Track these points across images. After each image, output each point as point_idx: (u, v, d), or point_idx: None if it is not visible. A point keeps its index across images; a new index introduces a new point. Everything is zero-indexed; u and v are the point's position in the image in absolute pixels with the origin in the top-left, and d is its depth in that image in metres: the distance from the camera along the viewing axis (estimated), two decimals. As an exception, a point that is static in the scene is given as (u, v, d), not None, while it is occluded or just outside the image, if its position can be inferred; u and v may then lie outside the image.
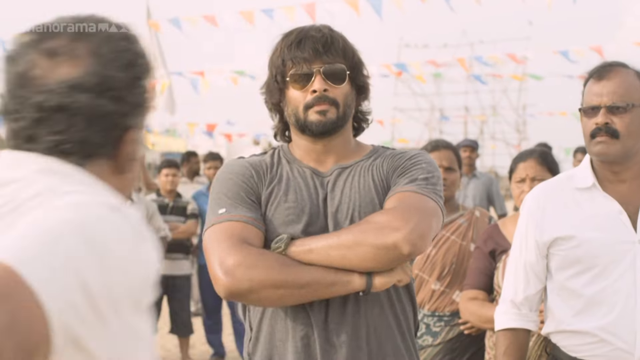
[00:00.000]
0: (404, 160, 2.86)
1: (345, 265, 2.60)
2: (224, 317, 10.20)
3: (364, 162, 2.90)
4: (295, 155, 2.93)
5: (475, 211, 4.92)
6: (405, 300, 2.88)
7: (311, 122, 2.79)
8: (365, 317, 2.76)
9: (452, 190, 4.82)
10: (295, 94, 2.81)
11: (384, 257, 2.59)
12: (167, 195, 9.75)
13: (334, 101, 2.79)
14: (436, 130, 54.99)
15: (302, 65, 2.79)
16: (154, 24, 13.47)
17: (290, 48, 2.81)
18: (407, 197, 2.72)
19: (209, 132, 16.11)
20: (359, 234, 2.60)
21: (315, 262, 2.61)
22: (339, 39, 2.84)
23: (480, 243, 4.48)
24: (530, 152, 4.55)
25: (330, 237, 2.64)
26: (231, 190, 2.80)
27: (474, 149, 10.56)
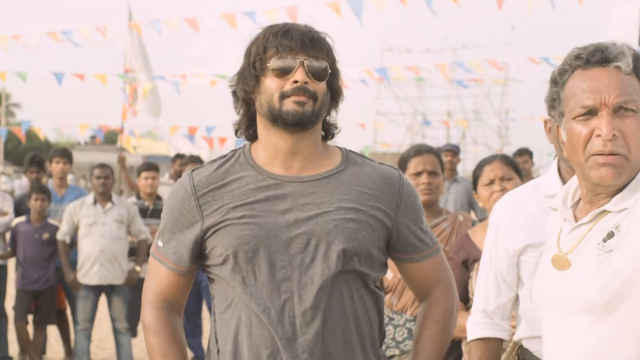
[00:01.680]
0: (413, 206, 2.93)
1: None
2: (204, 321, 10.15)
3: (337, 174, 2.83)
4: (258, 159, 2.84)
5: (459, 215, 4.92)
6: (371, 311, 2.86)
7: (287, 111, 2.72)
8: (332, 330, 2.74)
9: (436, 194, 4.81)
10: (273, 81, 2.75)
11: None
12: (147, 198, 9.72)
13: (313, 95, 2.74)
14: (418, 135, 55.07)
15: (286, 54, 2.73)
16: (135, 25, 13.41)
17: (276, 35, 2.76)
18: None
19: (190, 136, 16.07)
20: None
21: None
22: (325, 39, 2.81)
23: (452, 254, 4.50)
24: (492, 156, 4.66)
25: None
26: (169, 222, 2.88)
27: (455, 153, 10.59)
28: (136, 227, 8.97)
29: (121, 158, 12.19)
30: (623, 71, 2.37)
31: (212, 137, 15.86)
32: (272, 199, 2.76)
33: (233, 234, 2.73)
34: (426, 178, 4.76)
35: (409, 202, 2.88)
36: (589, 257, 2.38)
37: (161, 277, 2.89)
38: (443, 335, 2.90)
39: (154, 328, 2.86)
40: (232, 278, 2.75)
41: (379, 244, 2.82)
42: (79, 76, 13.85)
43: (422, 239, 2.90)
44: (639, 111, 2.36)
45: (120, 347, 8.98)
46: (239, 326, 2.76)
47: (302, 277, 2.72)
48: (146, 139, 16.66)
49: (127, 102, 13.71)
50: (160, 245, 2.88)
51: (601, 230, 2.38)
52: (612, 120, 2.34)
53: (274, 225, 2.72)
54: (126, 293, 8.93)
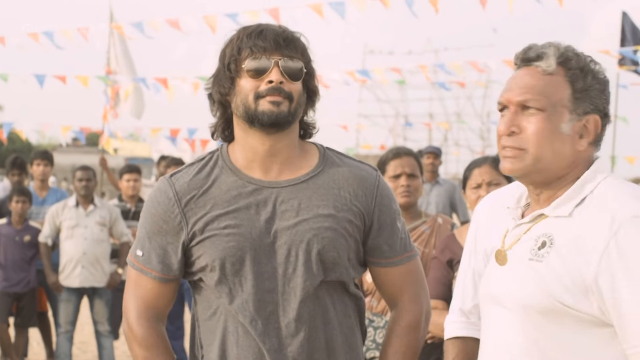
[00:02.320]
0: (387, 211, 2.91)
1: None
2: (186, 324, 10.13)
3: (314, 178, 2.82)
4: (237, 161, 2.83)
5: (438, 218, 4.92)
6: (353, 315, 2.89)
7: (262, 111, 2.71)
8: (316, 340, 2.77)
9: (415, 196, 4.82)
10: (248, 82, 2.74)
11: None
12: (129, 200, 9.71)
13: (288, 95, 2.73)
14: (400, 137, 55.05)
15: (260, 54, 2.72)
16: (117, 27, 13.38)
17: (250, 36, 2.74)
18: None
19: (172, 138, 16.03)
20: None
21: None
22: (299, 39, 2.80)
23: (437, 253, 4.50)
24: (484, 159, 4.60)
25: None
26: (151, 230, 2.84)
27: (437, 155, 10.59)
28: (118, 229, 8.96)
29: (102, 160, 12.16)
30: (542, 71, 2.43)
31: (194, 139, 15.83)
32: (254, 206, 2.75)
33: (218, 245, 2.72)
34: (405, 180, 4.76)
35: (383, 205, 2.87)
36: (521, 258, 2.44)
37: (147, 287, 2.84)
38: (409, 351, 2.90)
39: (147, 342, 2.82)
40: (219, 289, 2.75)
41: (357, 248, 2.84)
42: (60, 78, 13.82)
43: (392, 245, 2.89)
44: (546, 110, 2.41)
45: (102, 349, 8.97)
46: (226, 335, 2.77)
47: (285, 287, 2.73)
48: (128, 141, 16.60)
49: (108, 104, 13.67)
50: (140, 255, 2.85)
51: (537, 234, 2.43)
52: (513, 117, 2.43)
53: (258, 236, 2.73)
54: (108, 295, 8.92)
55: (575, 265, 2.27)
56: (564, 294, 2.29)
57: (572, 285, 2.27)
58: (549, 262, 2.34)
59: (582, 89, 2.41)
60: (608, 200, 2.32)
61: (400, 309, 2.93)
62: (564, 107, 2.40)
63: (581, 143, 2.41)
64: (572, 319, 2.29)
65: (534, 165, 2.43)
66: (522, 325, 2.42)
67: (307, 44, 2.83)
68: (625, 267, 2.20)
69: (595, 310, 2.25)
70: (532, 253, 2.41)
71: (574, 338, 2.31)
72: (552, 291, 2.31)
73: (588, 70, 2.42)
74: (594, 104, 2.40)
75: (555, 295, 2.30)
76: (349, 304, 2.86)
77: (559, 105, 2.40)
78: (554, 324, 2.33)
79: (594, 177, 2.39)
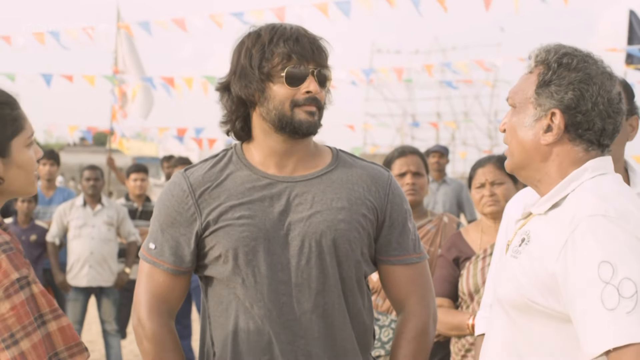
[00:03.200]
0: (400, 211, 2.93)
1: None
2: (194, 323, 10.15)
3: (328, 174, 2.85)
4: (252, 159, 2.85)
5: (444, 217, 4.93)
6: (365, 313, 2.90)
7: (299, 121, 2.73)
8: (330, 334, 2.78)
9: (421, 195, 4.82)
10: (283, 89, 2.72)
11: None
12: (136, 199, 9.71)
13: (321, 105, 2.77)
14: (408, 136, 55.03)
15: (299, 63, 2.72)
16: (125, 26, 13.39)
17: (287, 42, 2.72)
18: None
19: (179, 137, 16.06)
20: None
21: None
22: (326, 46, 2.81)
23: (443, 251, 4.51)
24: (488, 158, 4.61)
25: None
26: (165, 222, 2.85)
27: (443, 154, 10.56)
28: (126, 228, 8.97)
29: (110, 160, 12.18)
30: (526, 72, 2.48)
31: (202, 138, 15.85)
32: (267, 198, 2.77)
33: (232, 235, 2.74)
34: (410, 179, 4.77)
35: (396, 203, 2.89)
36: (510, 254, 2.46)
37: (159, 280, 2.85)
38: (419, 355, 2.91)
39: (157, 337, 2.82)
40: (232, 279, 2.76)
41: (370, 243, 2.86)
42: (67, 77, 13.84)
43: (402, 244, 2.91)
44: (516, 106, 2.46)
45: (110, 348, 8.98)
46: (237, 331, 2.77)
47: (299, 279, 2.74)
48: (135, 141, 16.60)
49: (116, 103, 13.69)
50: (153, 248, 2.86)
51: (522, 231, 2.45)
52: (508, 116, 2.49)
53: (272, 227, 2.74)
54: (116, 295, 8.93)
55: (540, 263, 2.28)
56: (532, 291, 2.29)
57: (538, 282, 2.28)
58: (521, 260, 2.36)
59: (542, 83, 2.40)
60: (576, 200, 2.31)
61: (408, 312, 2.93)
62: (529, 102, 2.42)
63: (545, 138, 2.40)
64: (542, 315, 2.29)
65: (512, 162, 2.49)
66: (503, 321, 2.45)
67: (327, 49, 2.82)
68: (575, 263, 2.18)
69: (561, 307, 2.24)
70: (513, 250, 2.44)
71: (544, 335, 2.31)
72: (522, 288, 2.32)
73: (555, 64, 2.40)
74: (555, 98, 2.38)
75: (524, 292, 2.31)
76: (362, 300, 2.87)
77: (526, 101, 2.43)
78: (526, 321, 2.34)
79: (580, 176, 2.37)
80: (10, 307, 2.19)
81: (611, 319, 2.09)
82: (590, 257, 2.16)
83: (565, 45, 2.45)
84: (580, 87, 2.36)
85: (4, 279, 2.19)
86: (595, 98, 2.36)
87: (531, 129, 2.41)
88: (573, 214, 2.25)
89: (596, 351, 2.11)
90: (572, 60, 2.39)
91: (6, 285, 2.19)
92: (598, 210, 2.21)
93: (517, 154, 2.45)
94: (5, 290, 2.19)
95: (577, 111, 2.36)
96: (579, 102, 2.36)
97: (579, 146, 2.40)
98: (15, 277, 2.21)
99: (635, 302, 2.08)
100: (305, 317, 2.74)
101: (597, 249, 2.16)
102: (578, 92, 2.36)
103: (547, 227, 2.34)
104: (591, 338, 2.12)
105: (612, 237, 2.17)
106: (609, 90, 2.39)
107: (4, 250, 2.23)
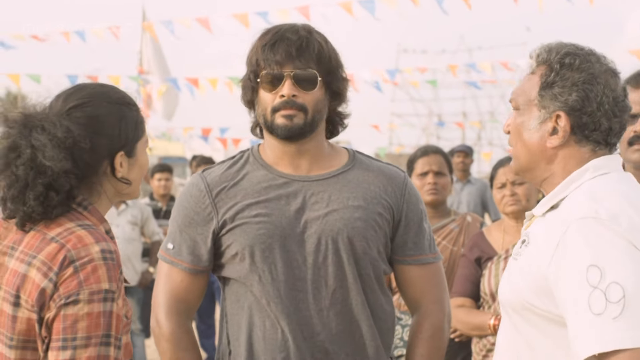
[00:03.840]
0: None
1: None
2: (217, 322, 10.15)
3: (344, 173, 2.87)
4: (267, 159, 2.89)
5: (467, 216, 4.91)
6: (385, 313, 2.89)
7: (277, 125, 2.77)
8: (348, 331, 2.79)
9: (443, 194, 4.81)
10: (265, 95, 2.79)
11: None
12: (161, 199, 9.75)
13: (302, 107, 2.77)
14: (434, 136, 54.94)
15: (273, 68, 2.76)
16: (149, 26, 13.43)
17: (264, 49, 2.78)
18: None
19: (204, 137, 16.10)
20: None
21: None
22: (315, 42, 2.80)
23: (466, 251, 4.49)
24: (508, 158, 4.58)
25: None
26: (183, 222, 2.89)
27: (467, 154, 10.53)
28: (150, 228, 8.98)
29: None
30: (528, 72, 2.44)
31: (226, 138, 15.88)
32: (284, 197, 2.80)
33: (249, 232, 2.77)
34: (432, 178, 4.76)
35: (411, 203, 2.90)
36: (512, 256, 2.43)
37: (177, 280, 2.88)
38: (434, 354, 2.92)
39: (174, 337, 2.85)
40: (249, 277, 2.78)
41: (386, 242, 2.87)
42: (92, 78, 13.90)
43: (418, 243, 2.92)
44: (519, 108, 2.41)
45: (134, 347, 9.00)
46: (252, 329, 2.80)
47: (316, 276, 2.76)
48: (161, 140, 16.68)
49: (142, 104, 13.74)
50: (171, 248, 2.90)
51: (525, 232, 2.42)
52: (512, 117, 2.45)
53: (288, 225, 2.77)
54: (140, 294, 8.95)
55: (536, 265, 2.24)
56: (529, 294, 2.26)
57: (534, 285, 2.24)
58: (521, 262, 2.34)
59: (545, 85, 2.35)
60: (573, 202, 2.28)
61: (423, 312, 2.94)
62: (533, 104, 2.38)
63: (551, 140, 2.35)
64: (539, 318, 2.26)
65: (518, 164, 2.45)
66: (506, 323, 2.44)
67: (325, 47, 2.82)
68: (564, 267, 2.15)
69: (559, 310, 2.20)
70: (515, 252, 2.40)
71: (541, 337, 2.28)
72: (520, 290, 2.30)
73: (558, 65, 2.35)
74: (560, 100, 2.33)
75: (522, 295, 2.29)
76: (380, 300, 2.87)
77: (530, 103, 2.38)
78: (524, 323, 2.32)
79: (581, 176, 2.33)
80: (87, 312, 2.20)
81: (598, 324, 2.05)
82: (579, 261, 2.12)
83: (566, 43, 2.40)
84: (585, 87, 2.31)
85: (95, 284, 2.21)
86: (600, 98, 2.31)
87: (536, 132, 2.37)
88: (566, 216, 2.22)
89: (582, 355, 2.08)
90: (575, 60, 2.33)
91: (94, 290, 2.21)
92: (588, 212, 2.17)
93: (523, 157, 2.42)
94: (91, 294, 2.21)
95: (582, 112, 2.31)
96: (583, 103, 2.31)
97: (586, 147, 2.35)
98: (104, 288, 2.22)
99: (622, 306, 2.04)
100: (323, 314, 2.75)
101: (586, 253, 2.12)
102: (582, 93, 2.31)
103: (544, 229, 2.30)
104: (578, 342, 2.09)
105: (601, 240, 2.12)
106: (613, 88, 2.33)
107: (104, 259, 2.25)
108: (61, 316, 2.19)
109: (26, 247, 2.31)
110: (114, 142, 2.41)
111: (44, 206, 2.29)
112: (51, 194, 2.28)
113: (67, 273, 2.21)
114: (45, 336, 2.23)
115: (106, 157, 2.40)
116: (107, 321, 2.23)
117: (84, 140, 2.32)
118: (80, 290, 2.20)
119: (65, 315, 2.19)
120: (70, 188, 2.31)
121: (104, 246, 2.26)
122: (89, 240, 2.26)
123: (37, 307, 2.22)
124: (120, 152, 2.42)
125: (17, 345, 2.26)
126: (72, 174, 2.31)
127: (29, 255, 2.28)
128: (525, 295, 2.27)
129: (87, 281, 2.21)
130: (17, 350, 2.26)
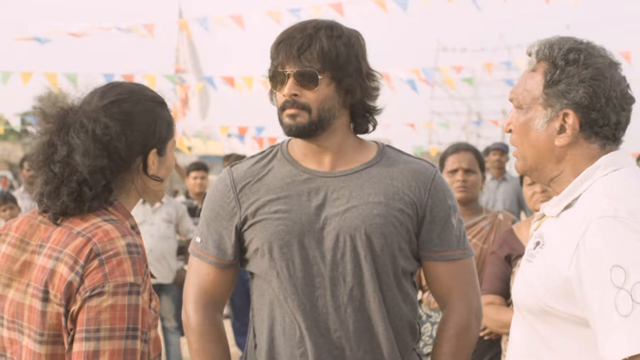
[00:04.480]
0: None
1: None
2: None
3: (368, 169, 2.85)
4: (295, 154, 2.89)
5: (499, 214, 4.90)
6: (404, 311, 2.87)
7: (284, 124, 2.79)
8: (366, 328, 2.79)
9: (473, 192, 4.79)
10: (277, 94, 2.82)
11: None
12: (196, 197, 9.78)
13: (304, 106, 2.76)
14: (473, 134, 54.76)
15: (277, 68, 2.78)
16: (184, 23, 13.48)
17: (272, 48, 2.82)
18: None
19: (240, 136, 16.13)
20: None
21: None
22: (319, 40, 2.76)
23: (495, 248, 4.45)
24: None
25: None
26: (210, 216, 2.93)
27: (504, 152, 10.48)
28: (185, 226, 9.01)
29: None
30: (528, 69, 2.37)
31: (262, 137, 15.90)
32: (305, 193, 2.81)
33: (268, 228, 2.79)
34: (461, 175, 4.75)
35: (437, 199, 2.86)
36: (525, 257, 2.39)
37: (204, 273, 2.93)
38: (459, 353, 2.89)
39: (200, 328, 2.89)
40: (269, 273, 2.81)
41: (409, 238, 2.84)
42: (128, 77, 13.98)
43: (444, 239, 2.88)
44: (522, 107, 2.36)
45: (169, 345, 9.04)
46: (274, 324, 2.82)
47: (334, 273, 2.76)
48: (196, 139, 16.76)
49: (178, 102, 13.79)
50: (199, 241, 2.94)
51: (537, 233, 2.38)
52: (511, 115, 2.40)
53: (307, 221, 2.77)
54: (175, 292, 8.98)
55: (554, 267, 2.20)
56: (546, 295, 2.22)
57: (552, 287, 2.20)
58: (536, 263, 2.29)
59: (550, 82, 2.30)
60: (589, 200, 2.23)
61: (449, 309, 2.92)
62: (538, 103, 2.32)
63: (560, 139, 2.30)
64: (558, 319, 2.22)
65: (525, 164, 2.41)
66: (521, 325, 2.39)
67: (332, 44, 2.76)
68: (587, 268, 2.10)
69: (579, 311, 2.16)
70: (528, 253, 2.36)
71: (562, 339, 2.24)
72: (537, 292, 2.25)
73: (562, 62, 2.30)
74: (567, 98, 2.28)
75: (539, 297, 2.24)
76: (402, 296, 2.86)
77: (534, 102, 2.33)
78: (543, 325, 2.28)
79: (593, 174, 2.28)
80: (111, 304, 2.21)
81: (625, 326, 2.01)
82: (601, 262, 2.07)
83: (566, 38, 2.35)
84: (592, 83, 2.26)
85: (120, 277, 2.23)
86: (608, 92, 2.26)
87: (544, 131, 2.32)
88: (583, 215, 2.17)
89: (611, 359, 2.03)
90: (579, 55, 2.29)
91: (119, 283, 2.22)
92: (607, 211, 2.12)
93: (531, 157, 2.37)
94: (116, 287, 2.22)
95: (590, 109, 2.27)
96: (592, 100, 2.26)
97: (595, 143, 2.30)
98: (129, 281, 2.24)
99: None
100: (340, 310, 2.75)
101: (608, 253, 2.07)
102: (590, 89, 2.26)
103: (560, 230, 2.26)
104: (606, 345, 2.05)
105: (623, 239, 2.08)
106: (618, 81, 2.29)
107: (130, 252, 2.27)
108: (85, 308, 2.21)
109: (53, 243, 2.33)
110: (149, 140, 2.43)
111: (77, 202, 2.32)
112: (85, 189, 2.31)
113: (93, 266, 2.23)
114: (70, 328, 2.24)
115: (140, 153, 2.43)
116: (133, 314, 2.24)
117: (120, 136, 2.35)
118: (105, 283, 2.21)
119: (90, 307, 2.21)
120: (106, 183, 2.35)
121: (129, 240, 2.29)
122: (115, 235, 2.28)
123: (64, 300, 2.23)
124: (153, 149, 2.45)
125: (48, 341, 2.27)
126: (107, 170, 2.34)
127: (56, 250, 2.30)
128: (543, 298, 2.23)
129: (112, 274, 2.22)
130: (48, 346, 2.27)
